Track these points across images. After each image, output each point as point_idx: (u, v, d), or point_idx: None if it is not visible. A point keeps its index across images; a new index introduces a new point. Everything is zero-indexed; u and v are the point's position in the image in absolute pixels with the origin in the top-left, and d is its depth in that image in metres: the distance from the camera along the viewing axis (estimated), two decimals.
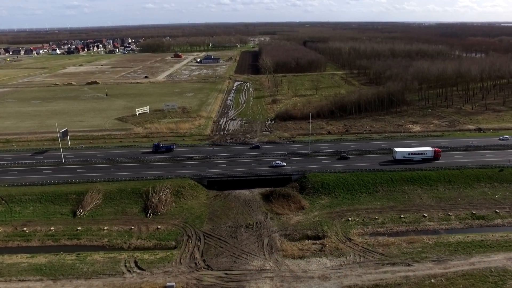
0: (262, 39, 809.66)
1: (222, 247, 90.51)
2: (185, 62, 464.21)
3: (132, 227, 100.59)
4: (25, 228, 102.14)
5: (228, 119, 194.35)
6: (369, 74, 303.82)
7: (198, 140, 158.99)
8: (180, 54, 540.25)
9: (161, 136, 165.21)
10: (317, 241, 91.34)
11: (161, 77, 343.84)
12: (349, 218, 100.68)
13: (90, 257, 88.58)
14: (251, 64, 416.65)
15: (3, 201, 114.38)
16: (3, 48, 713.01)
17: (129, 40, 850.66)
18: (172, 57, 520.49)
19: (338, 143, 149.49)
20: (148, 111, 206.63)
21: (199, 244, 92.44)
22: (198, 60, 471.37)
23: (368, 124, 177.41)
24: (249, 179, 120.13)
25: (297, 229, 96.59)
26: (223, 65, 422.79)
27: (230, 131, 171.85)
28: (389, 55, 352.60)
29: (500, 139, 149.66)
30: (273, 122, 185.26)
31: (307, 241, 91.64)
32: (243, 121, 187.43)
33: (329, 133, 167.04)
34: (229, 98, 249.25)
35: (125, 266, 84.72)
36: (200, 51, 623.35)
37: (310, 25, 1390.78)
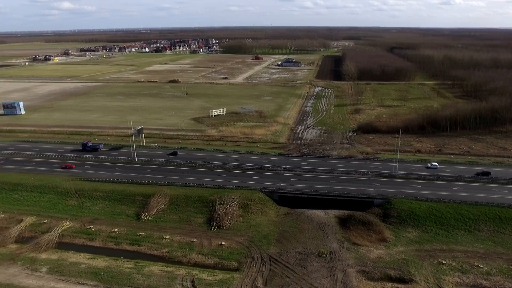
0: (346, 44, 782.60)
1: (288, 277, 79.50)
2: (265, 64, 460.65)
3: (194, 240, 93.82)
4: (91, 226, 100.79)
5: (306, 127, 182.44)
6: (466, 86, 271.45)
7: (272, 148, 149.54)
8: (260, 56, 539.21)
9: (235, 141, 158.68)
10: (402, 286, 76.30)
11: (240, 79, 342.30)
12: (443, 261, 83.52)
13: (147, 267, 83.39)
14: (333, 69, 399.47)
15: (77, 195, 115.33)
16: (101, 46, 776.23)
17: (213, 41, 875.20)
18: (252, 59, 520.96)
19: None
20: (224, 113, 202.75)
21: (263, 269, 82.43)
22: (279, 63, 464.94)
23: (466, 145, 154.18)
24: (325, 198, 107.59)
25: (378, 266, 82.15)
26: (304, 69, 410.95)
27: (307, 141, 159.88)
28: (491, 65, 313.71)
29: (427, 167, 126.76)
30: (354, 134, 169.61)
31: (389, 284, 76.91)
32: (322, 131, 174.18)
33: (419, 151, 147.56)
34: (308, 104, 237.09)
35: (182, 285, 77.62)
36: (281, 54, 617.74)
37: (397, 31, 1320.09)
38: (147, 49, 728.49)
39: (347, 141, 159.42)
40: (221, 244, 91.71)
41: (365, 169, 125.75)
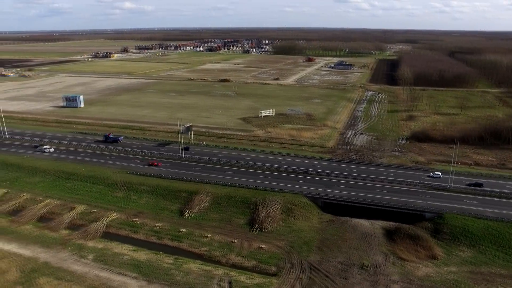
0: (401, 47, 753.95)
1: (328, 287, 76.63)
2: (316, 66, 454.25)
3: (234, 241, 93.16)
4: (136, 219, 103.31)
5: (355, 132, 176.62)
6: None
7: (319, 152, 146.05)
8: (312, 58, 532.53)
9: (281, 143, 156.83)
10: None
11: (290, 80, 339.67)
12: None
13: (186, 264, 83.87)
14: (387, 73, 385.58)
15: (124, 188, 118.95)
16: (157, 44, 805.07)
17: (265, 41, 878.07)
18: (304, 60, 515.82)
19: (489, 179, 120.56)
20: (272, 114, 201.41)
21: (302, 276, 79.98)
22: (331, 65, 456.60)
23: None
24: (371, 207, 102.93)
25: (425, 285, 76.83)
26: (356, 72, 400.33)
27: (356, 147, 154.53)
28: None
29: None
30: (406, 141, 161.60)
31: None
32: (372, 137, 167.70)
33: (477, 164, 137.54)
34: (358, 108, 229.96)
35: (219, 285, 77.10)
36: (333, 56, 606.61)
37: (459, 34, 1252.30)
38: (200, 48, 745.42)
39: (398, 149, 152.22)
40: (260, 247, 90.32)
41: (416, 179, 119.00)
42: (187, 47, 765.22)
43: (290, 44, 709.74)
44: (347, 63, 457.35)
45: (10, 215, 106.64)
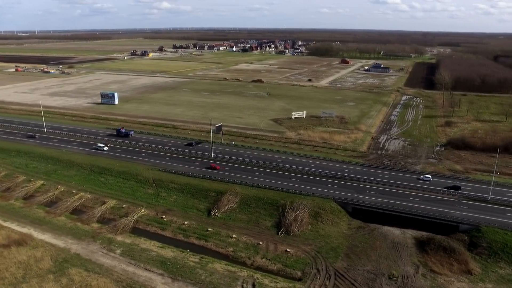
0: (442, 50, 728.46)
1: None
2: (351, 68, 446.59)
3: (260, 243, 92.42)
4: (164, 216, 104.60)
5: (389, 137, 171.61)
6: None
7: (350, 157, 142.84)
8: (347, 60, 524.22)
9: (312, 145, 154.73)
10: None
11: (324, 82, 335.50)
12: None
13: (211, 264, 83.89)
14: (425, 77, 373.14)
15: (154, 185, 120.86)
16: (192, 44, 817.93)
17: (300, 42, 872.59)
18: (339, 63, 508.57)
19: None
20: (304, 116, 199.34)
21: (327, 283, 78.10)
22: (366, 68, 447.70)
23: None
24: (402, 216, 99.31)
25: None
26: (392, 75, 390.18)
27: (389, 152, 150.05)
28: None
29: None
30: (443, 148, 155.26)
31: None
32: (407, 143, 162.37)
33: None
34: (393, 113, 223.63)
35: (242, 287, 76.56)
36: (369, 58, 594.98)
37: (505, 37, 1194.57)
38: (234, 48, 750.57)
39: (433, 156, 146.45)
40: (287, 250, 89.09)
41: (452, 188, 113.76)
42: (222, 47, 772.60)
43: (325, 45, 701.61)
44: (383, 66, 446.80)
45: (46, 206, 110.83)
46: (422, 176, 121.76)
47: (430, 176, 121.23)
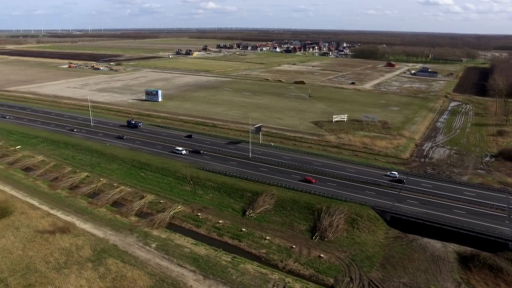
0: (497, 54, 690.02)
1: None
2: (397, 72, 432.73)
3: (294, 246, 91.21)
4: (199, 214, 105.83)
5: (434, 144, 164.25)
6: None
7: (392, 163, 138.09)
8: (393, 63, 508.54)
9: (352, 150, 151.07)
10: None
11: (368, 85, 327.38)
12: None
13: (243, 265, 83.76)
14: (476, 83, 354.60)
15: (191, 182, 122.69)
16: (236, 44, 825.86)
17: (344, 44, 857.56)
18: (384, 66, 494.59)
19: None
20: (345, 119, 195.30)
21: None
22: (412, 72, 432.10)
23: None
24: (445, 228, 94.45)
25: None
26: (441, 80, 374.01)
27: (433, 160, 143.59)
28: None
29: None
30: (493, 159, 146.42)
31: None
32: (453, 151, 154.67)
33: None
34: (440, 119, 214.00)
35: None
36: (416, 62, 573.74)
37: None
38: (278, 49, 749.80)
39: (482, 166, 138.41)
40: (320, 256, 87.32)
41: (502, 203, 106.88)
42: (265, 48, 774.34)
43: (370, 48, 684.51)
44: (431, 70, 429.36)
45: (89, 197, 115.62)
46: (389, 173, 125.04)
47: (396, 173, 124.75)
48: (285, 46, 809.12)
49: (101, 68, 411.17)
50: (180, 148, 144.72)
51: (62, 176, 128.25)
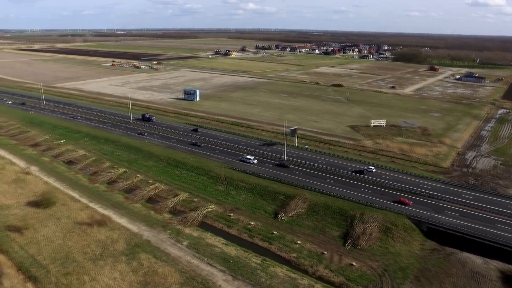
0: None
1: None
2: (440, 77, 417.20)
3: (325, 252, 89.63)
4: (231, 214, 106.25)
5: (478, 154, 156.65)
6: None
7: (430, 172, 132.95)
8: (436, 67, 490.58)
9: (390, 156, 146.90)
10: None
11: (408, 90, 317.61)
12: None
13: (273, 268, 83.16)
14: None
15: (225, 182, 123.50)
16: (275, 45, 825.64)
17: (385, 47, 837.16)
18: (426, 70, 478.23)
19: None
20: (384, 124, 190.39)
21: None
22: (457, 76, 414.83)
23: None
24: (487, 243, 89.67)
25: None
26: (488, 86, 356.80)
27: (476, 170, 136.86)
28: None
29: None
30: None
31: None
32: (499, 162, 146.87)
33: None
34: (485, 127, 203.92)
35: None
36: (461, 66, 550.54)
37: None
38: (316, 51, 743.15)
39: None
40: (351, 264, 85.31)
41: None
42: (304, 49, 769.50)
43: (412, 51, 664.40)
44: (477, 75, 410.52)
45: (125, 192, 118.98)
46: (366, 167, 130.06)
47: (373, 168, 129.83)
48: (324, 48, 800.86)
49: (142, 66, 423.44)
50: (251, 157, 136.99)
51: (101, 171, 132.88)
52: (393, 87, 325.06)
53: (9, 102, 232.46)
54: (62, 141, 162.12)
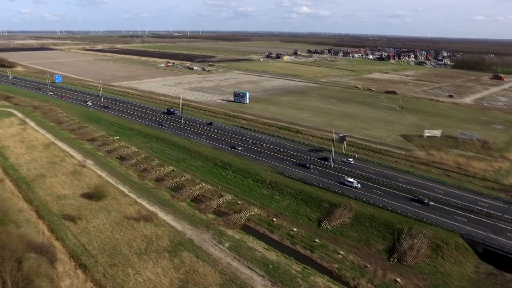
0: None
1: None
2: (505, 86, 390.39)
3: (368, 265, 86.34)
4: (274, 219, 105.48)
5: None
6: None
7: (489, 188, 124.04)
8: (501, 76, 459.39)
9: (444, 169, 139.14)
10: None
11: (468, 99, 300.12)
12: None
13: (313, 277, 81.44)
14: None
15: (270, 186, 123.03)
16: (327, 49, 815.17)
17: (444, 53, 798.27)
18: (490, 78, 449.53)
19: None
20: (439, 135, 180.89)
21: None
22: None
23: None
24: None
25: None
26: None
27: None
28: None
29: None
30: None
31: None
32: None
33: None
34: None
35: None
36: None
37: None
38: (370, 56, 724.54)
39: None
40: (396, 280, 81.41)
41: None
42: (357, 54, 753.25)
43: (475, 58, 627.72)
44: None
45: (172, 190, 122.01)
46: (346, 159, 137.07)
47: (351, 160, 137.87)
48: (378, 53, 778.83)
49: (195, 68, 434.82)
50: (353, 180, 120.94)
51: (150, 168, 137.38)
52: (451, 96, 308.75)
53: (89, 103, 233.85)
54: (116, 137, 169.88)
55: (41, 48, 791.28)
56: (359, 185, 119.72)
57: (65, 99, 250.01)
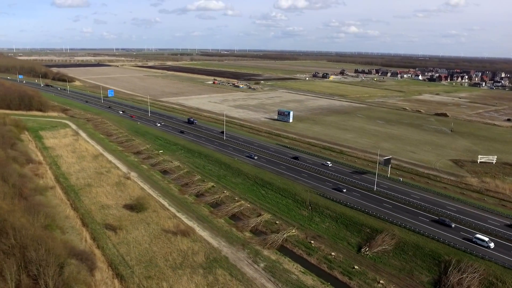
0: None
1: None
2: None
3: None
4: (312, 241, 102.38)
5: None
6: None
7: None
8: None
9: (500, 199, 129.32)
10: None
11: None
12: None
13: None
14: None
15: (309, 207, 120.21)
16: (375, 69, 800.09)
17: (502, 75, 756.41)
18: None
19: None
20: (494, 161, 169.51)
21: None
22: None
23: None
24: None
25: None
26: None
27: None
28: None
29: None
30: None
31: None
32: None
33: None
34: None
35: None
36: None
37: None
38: (420, 77, 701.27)
39: None
40: None
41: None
42: (406, 75, 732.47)
43: None
44: None
45: (211, 206, 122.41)
46: (325, 162, 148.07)
47: (330, 163, 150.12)
48: (429, 74, 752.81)
49: (241, 86, 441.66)
50: (485, 238, 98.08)
51: (191, 183, 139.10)
52: (509, 120, 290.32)
53: (158, 124, 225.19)
54: (161, 151, 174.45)
55: (98, 64, 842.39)
56: (492, 244, 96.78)
57: (133, 117, 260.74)
